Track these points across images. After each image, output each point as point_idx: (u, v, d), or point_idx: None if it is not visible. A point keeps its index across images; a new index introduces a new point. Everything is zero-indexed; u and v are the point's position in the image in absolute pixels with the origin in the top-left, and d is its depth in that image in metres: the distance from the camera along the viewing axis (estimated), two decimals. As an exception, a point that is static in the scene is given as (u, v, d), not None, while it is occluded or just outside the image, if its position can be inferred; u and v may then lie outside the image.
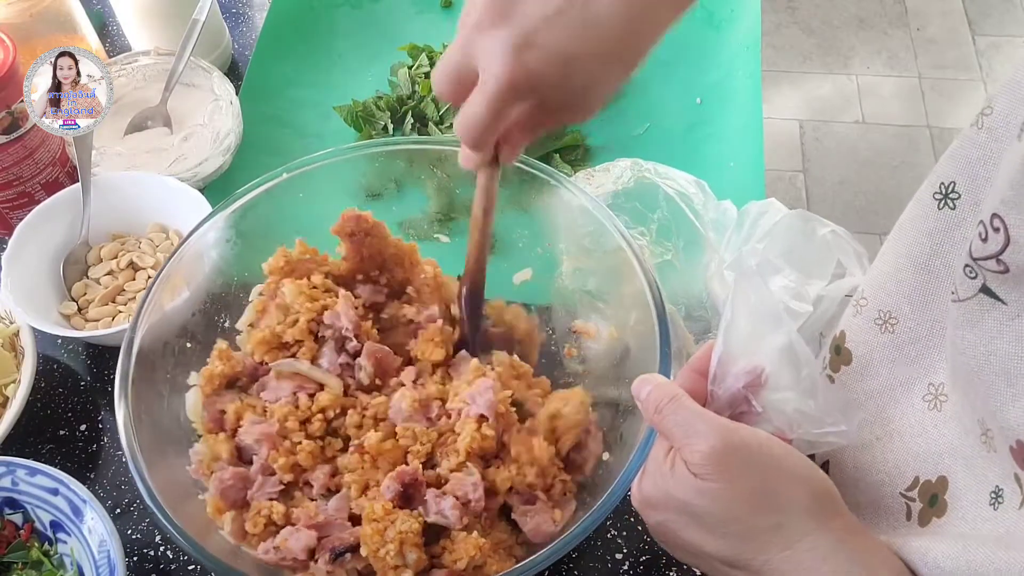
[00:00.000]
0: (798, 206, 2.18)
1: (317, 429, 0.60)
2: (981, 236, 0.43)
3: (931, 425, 0.53)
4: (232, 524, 0.58)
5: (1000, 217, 0.41)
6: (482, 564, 0.55)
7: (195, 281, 0.65)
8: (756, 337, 0.49)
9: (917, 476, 0.53)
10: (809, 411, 0.49)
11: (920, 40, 2.47)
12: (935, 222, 0.52)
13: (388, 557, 0.53)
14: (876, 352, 0.57)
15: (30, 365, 0.69)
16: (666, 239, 0.74)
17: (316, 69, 0.98)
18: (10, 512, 0.63)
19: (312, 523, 0.56)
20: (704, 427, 0.46)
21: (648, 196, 0.74)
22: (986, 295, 0.44)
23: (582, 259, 0.69)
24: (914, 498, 0.53)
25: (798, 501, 0.45)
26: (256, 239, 0.67)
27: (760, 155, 0.88)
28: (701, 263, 0.73)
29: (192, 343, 0.65)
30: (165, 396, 0.62)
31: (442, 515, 0.55)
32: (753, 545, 0.46)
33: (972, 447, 0.49)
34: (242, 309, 0.68)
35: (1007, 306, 0.43)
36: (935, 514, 0.51)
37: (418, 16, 1.04)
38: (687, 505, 0.46)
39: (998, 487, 0.46)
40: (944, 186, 0.51)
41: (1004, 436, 0.44)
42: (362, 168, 0.70)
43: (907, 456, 0.54)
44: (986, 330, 0.44)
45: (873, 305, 0.57)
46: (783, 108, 2.32)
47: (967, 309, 0.45)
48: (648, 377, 0.51)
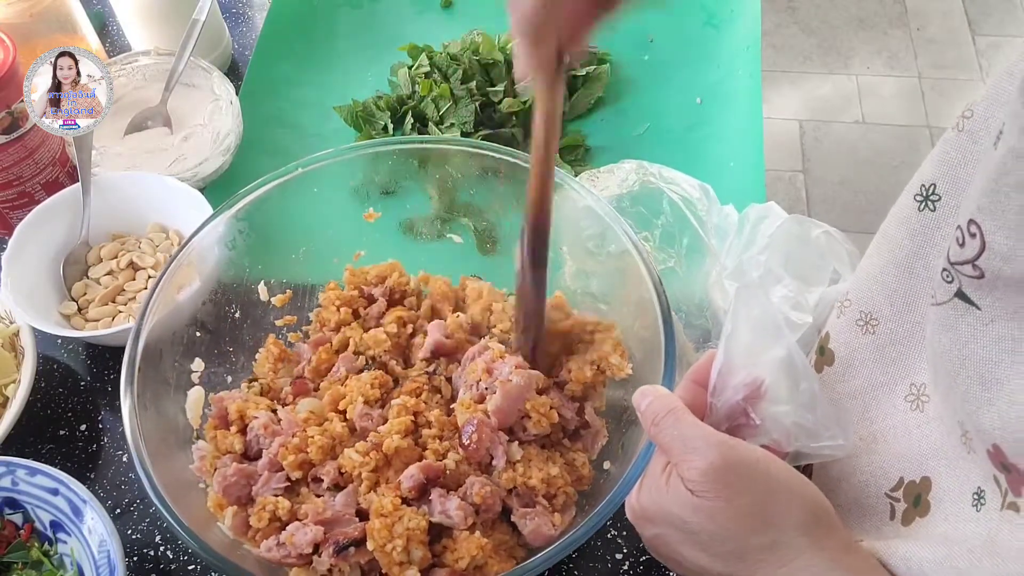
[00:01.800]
0: (798, 206, 2.18)
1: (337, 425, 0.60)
2: (959, 241, 0.43)
3: (914, 426, 0.53)
4: (233, 519, 0.58)
5: (976, 223, 0.41)
6: (483, 564, 0.55)
7: (201, 277, 0.66)
8: (756, 349, 0.49)
9: (902, 477, 0.53)
10: (807, 424, 0.49)
11: (920, 40, 2.47)
12: (916, 224, 0.52)
13: (395, 553, 0.54)
14: (858, 353, 0.57)
15: (30, 365, 0.69)
16: (669, 245, 0.74)
17: (316, 69, 0.98)
18: (10, 512, 0.63)
19: (320, 518, 0.56)
20: (702, 443, 0.46)
21: (653, 201, 0.74)
22: (961, 300, 0.44)
23: (586, 261, 0.68)
24: (899, 498, 0.53)
25: (794, 520, 0.45)
26: (261, 237, 0.68)
27: (760, 155, 0.88)
28: (702, 270, 0.73)
29: (202, 332, 0.66)
30: (171, 387, 0.62)
31: (446, 515, 0.55)
32: (747, 563, 0.46)
33: (954, 448, 0.49)
34: (253, 301, 0.69)
35: (981, 311, 0.43)
36: (918, 514, 0.51)
37: (418, 16, 1.04)
38: (683, 521, 0.46)
39: (980, 488, 0.46)
40: (925, 188, 0.51)
41: (981, 439, 0.45)
42: (366, 167, 0.71)
43: (891, 457, 0.54)
44: (961, 334, 0.44)
45: (856, 306, 0.57)
46: (783, 108, 2.32)
47: (943, 313, 0.45)
48: (648, 389, 0.51)
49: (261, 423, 0.61)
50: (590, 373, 0.62)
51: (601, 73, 0.93)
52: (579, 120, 0.93)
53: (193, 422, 0.63)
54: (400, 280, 0.70)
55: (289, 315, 0.71)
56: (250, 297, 0.70)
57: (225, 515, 0.58)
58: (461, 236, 0.76)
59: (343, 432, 0.60)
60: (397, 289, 0.70)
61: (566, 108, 0.92)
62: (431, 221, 0.77)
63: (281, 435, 0.60)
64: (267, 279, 0.71)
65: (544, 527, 0.57)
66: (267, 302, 0.71)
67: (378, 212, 0.73)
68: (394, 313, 0.67)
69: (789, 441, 0.49)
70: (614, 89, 0.94)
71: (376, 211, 0.72)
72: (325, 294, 0.69)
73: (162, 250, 0.80)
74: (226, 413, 0.63)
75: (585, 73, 0.93)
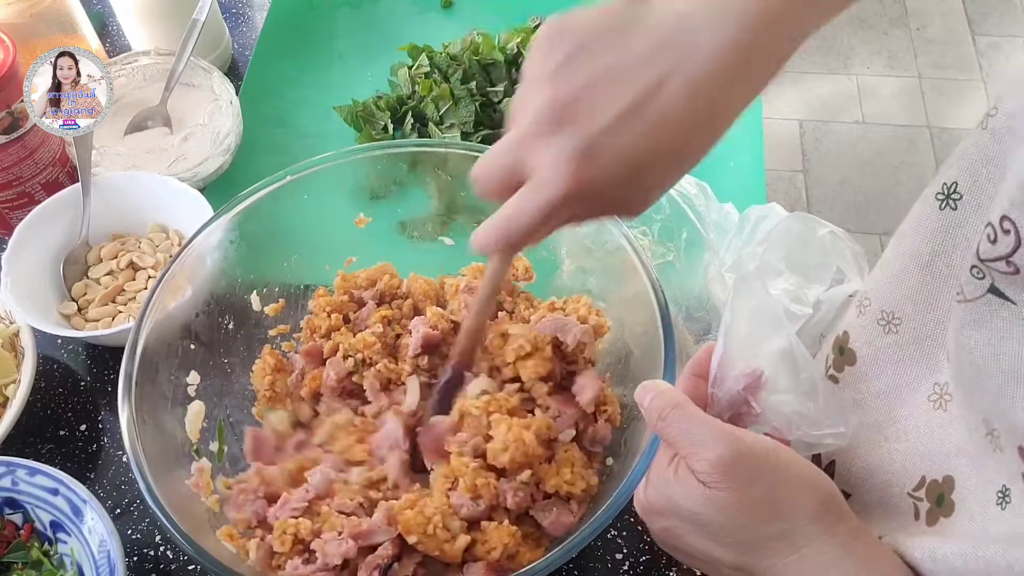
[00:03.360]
0: (798, 206, 2.19)
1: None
2: (990, 238, 0.43)
3: (937, 425, 0.53)
4: (258, 552, 0.57)
5: (1010, 219, 0.41)
6: (515, 553, 0.55)
7: (198, 282, 0.65)
8: (756, 340, 0.50)
9: (924, 476, 0.53)
10: (808, 413, 0.49)
11: (920, 40, 2.47)
12: (937, 223, 0.52)
13: (438, 531, 0.54)
14: (881, 353, 0.57)
15: (30, 365, 0.69)
16: (668, 239, 0.74)
17: (316, 69, 0.98)
18: (10, 512, 0.63)
19: (356, 532, 0.55)
20: (709, 435, 0.46)
21: (673, 219, 0.74)
22: (995, 295, 0.44)
23: (583, 258, 0.68)
24: (921, 498, 0.53)
25: (804, 508, 0.46)
26: (259, 240, 0.68)
27: (760, 155, 0.88)
28: (701, 264, 0.73)
29: (196, 344, 0.65)
30: (168, 400, 0.62)
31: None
32: (758, 551, 0.46)
33: (977, 446, 0.49)
34: (245, 311, 0.69)
35: (1016, 306, 0.43)
36: (942, 514, 0.51)
37: (418, 16, 1.04)
38: (693, 513, 0.46)
39: (1005, 487, 0.46)
40: (946, 187, 0.51)
41: (1012, 436, 0.44)
42: (364, 170, 0.70)
43: (913, 456, 0.54)
44: (995, 330, 0.44)
45: (876, 306, 0.57)
46: (783, 108, 2.32)
47: (975, 309, 0.45)
48: (650, 384, 0.51)
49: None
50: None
51: (601, 73, 0.93)
52: (579, 120, 0.92)
53: (191, 436, 0.63)
54: (391, 283, 0.70)
55: (283, 324, 0.71)
56: (243, 307, 0.69)
57: (250, 548, 0.57)
58: (453, 239, 0.75)
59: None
60: (388, 292, 0.70)
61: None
62: (424, 223, 0.76)
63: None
64: (259, 288, 0.70)
65: (563, 516, 0.57)
66: (260, 311, 0.70)
67: (369, 217, 0.72)
68: (379, 313, 0.67)
69: (790, 429, 0.49)
70: (614, 89, 0.94)
71: (369, 216, 0.72)
72: (315, 300, 0.69)
73: (162, 250, 0.80)
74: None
75: (585, 73, 0.93)
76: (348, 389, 0.66)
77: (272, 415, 0.66)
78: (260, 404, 0.66)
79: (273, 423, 0.65)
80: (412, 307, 0.69)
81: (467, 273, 0.70)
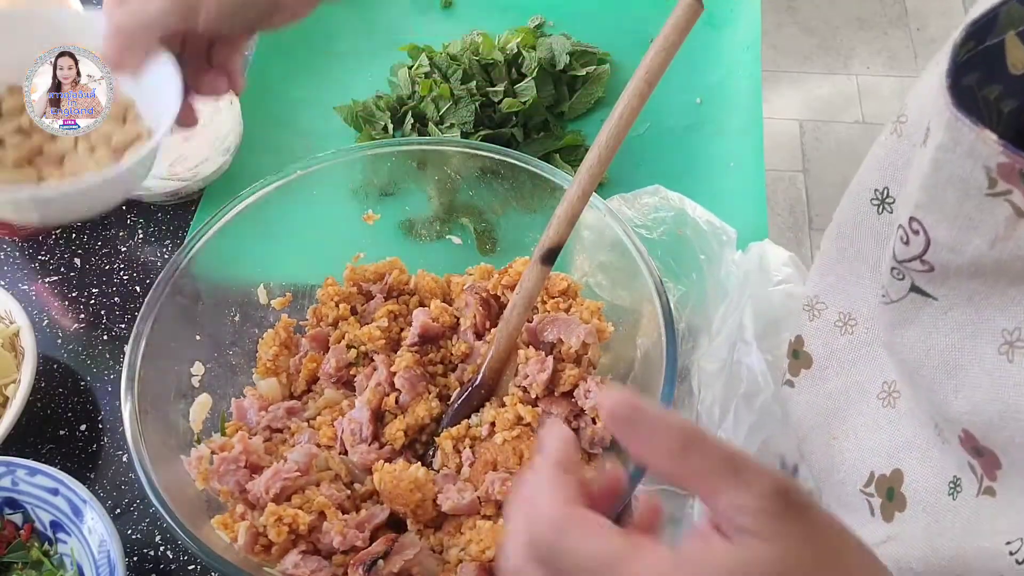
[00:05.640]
0: (798, 206, 2.18)
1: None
2: (902, 239, 0.44)
3: (885, 421, 0.53)
4: (246, 536, 0.57)
5: (918, 220, 0.42)
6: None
7: (199, 281, 0.65)
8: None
9: (872, 471, 0.54)
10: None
11: (920, 40, 2.47)
12: (878, 226, 0.53)
13: (408, 493, 0.56)
14: (837, 354, 0.57)
15: (30, 365, 0.69)
16: (682, 307, 0.72)
17: (316, 69, 0.98)
18: (10, 512, 0.63)
19: (358, 521, 0.57)
20: (744, 466, 0.32)
21: (687, 255, 0.73)
22: (917, 293, 0.45)
23: (591, 265, 0.69)
24: (872, 493, 0.53)
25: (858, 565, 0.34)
26: (260, 240, 0.68)
27: (760, 155, 0.88)
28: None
29: (201, 336, 0.66)
30: (171, 392, 0.62)
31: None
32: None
33: (928, 439, 0.50)
34: (248, 308, 0.69)
35: (939, 301, 0.44)
36: (896, 508, 0.51)
37: (418, 16, 1.04)
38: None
39: (956, 477, 0.47)
40: (878, 192, 0.52)
41: (951, 427, 0.45)
42: (366, 169, 0.71)
43: (862, 453, 0.55)
44: (922, 326, 0.45)
45: (833, 308, 0.57)
46: (783, 108, 2.32)
47: (901, 309, 0.46)
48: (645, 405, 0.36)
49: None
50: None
51: (601, 73, 0.93)
52: (579, 120, 0.92)
53: (195, 426, 0.63)
54: (400, 278, 0.70)
55: (289, 318, 0.71)
56: (249, 300, 0.70)
57: (238, 529, 0.57)
58: (460, 237, 0.76)
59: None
60: (396, 287, 0.70)
61: (565, 108, 0.92)
62: (430, 222, 0.77)
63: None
64: (266, 282, 0.71)
65: None
66: (267, 305, 0.71)
67: (377, 214, 0.73)
68: (385, 307, 0.67)
69: None
70: (614, 89, 0.94)
71: (375, 213, 0.73)
72: (324, 289, 0.69)
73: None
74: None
75: (585, 73, 0.93)
76: (344, 380, 0.66)
77: (263, 382, 0.67)
78: (258, 371, 0.67)
79: (263, 389, 0.66)
80: (418, 303, 0.70)
81: (474, 272, 0.70)
